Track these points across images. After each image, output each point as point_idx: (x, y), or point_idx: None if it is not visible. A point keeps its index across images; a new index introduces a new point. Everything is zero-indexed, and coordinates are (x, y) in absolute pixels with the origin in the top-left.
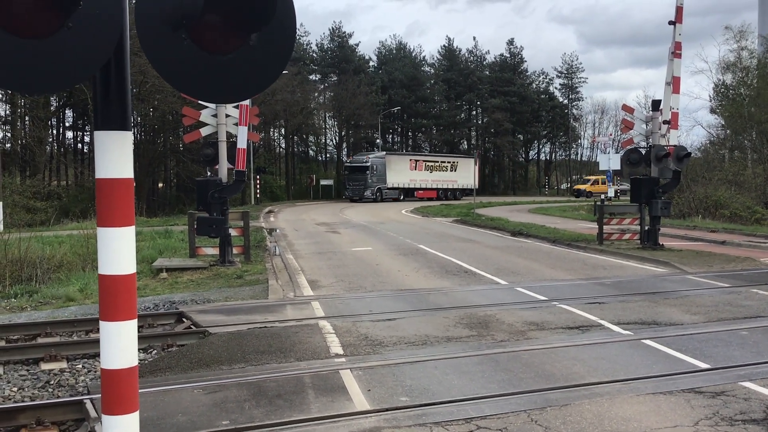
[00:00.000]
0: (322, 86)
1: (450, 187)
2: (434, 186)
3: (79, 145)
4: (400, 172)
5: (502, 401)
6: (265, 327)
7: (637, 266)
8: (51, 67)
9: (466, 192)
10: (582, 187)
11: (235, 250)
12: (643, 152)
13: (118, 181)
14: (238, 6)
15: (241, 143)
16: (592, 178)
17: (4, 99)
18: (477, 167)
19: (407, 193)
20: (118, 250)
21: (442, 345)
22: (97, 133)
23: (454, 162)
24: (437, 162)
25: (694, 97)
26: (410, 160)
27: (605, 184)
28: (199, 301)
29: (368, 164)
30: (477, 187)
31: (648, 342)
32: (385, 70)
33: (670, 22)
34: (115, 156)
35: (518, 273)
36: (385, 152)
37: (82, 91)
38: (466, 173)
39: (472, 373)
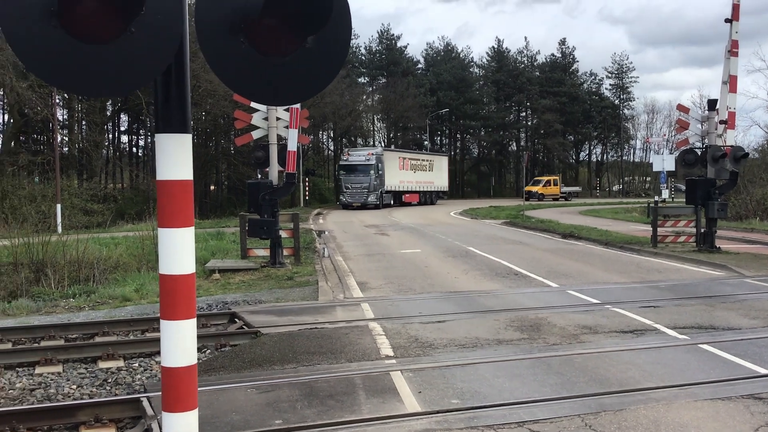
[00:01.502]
0: (371, 89)
1: (428, 189)
2: (417, 188)
3: (134, 149)
4: (392, 172)
5: (555, 405)
6: (316, 328)
7: (692, 269)
8: (114, 72)
9: (440, 195)
10: (533, 188)
11: (285, 252)
12: (699, 153)
13: (179, 183)
14: (295, 10)
15: (292, 146)
16: (544, 178)
17: (61, 104)
18: (447, 167)
19: (396, 198)
20: (178, 250)
21: (492, 347)
22: (158, 136)
23: (430, 160)
24: (419, 160)
25: (752, 97)
26: (399, 158)
27: (557, 185)
28: (250, 302)
29: (371, 162)
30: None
31: (705, 347)
32: (433, 72)
33: (727, 20)
34: (175, 158)
35: (569, 275)
36: (381, 148)
37: (136, 96)
38: (440, 173)
39: (524, 376)
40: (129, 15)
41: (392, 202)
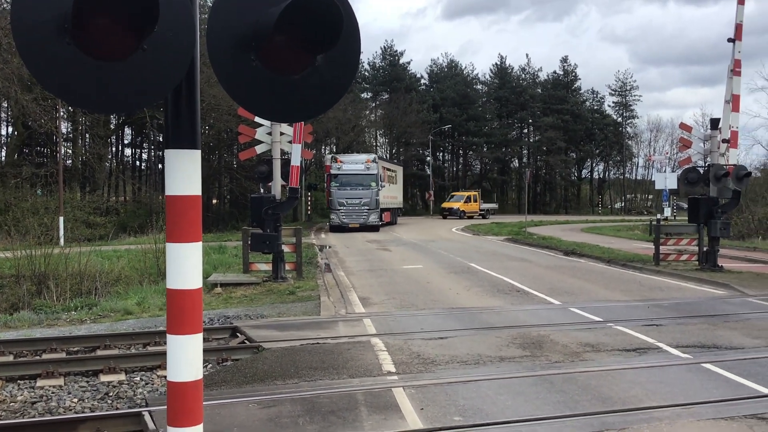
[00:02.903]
0: (374, 104)
1: (394, 206)
2: (389, 205)
3: (137, 162)
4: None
5: (558, 423)
6: (318, 343)
7: (695, 288)
8: (126, 89)
9: (399, 212)
10: (453, 204)
11: (287, 266)
12: (702, 171)
13: (187, 198)
14: (306, 29)
15: (295, 161)
16: (465, 194)
17: (65, 117)
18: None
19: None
20: (186, 265)
21: (494, 365)
22: (168, 152)
23: (395, 171)
24: (391, 171)
25: (754, 116)
26: (382, 167)
27: (477, 202)
28: (252, 317)
29: (373, 172)
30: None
31: (708, 366)
32: (436, 89)
33: (729, 40)
34: (184, 173)
35: (572, 293)
36: (375, 155)
37: (141, 110)
38: (399, 187)
39: (526, 394)
40: (142, 32)
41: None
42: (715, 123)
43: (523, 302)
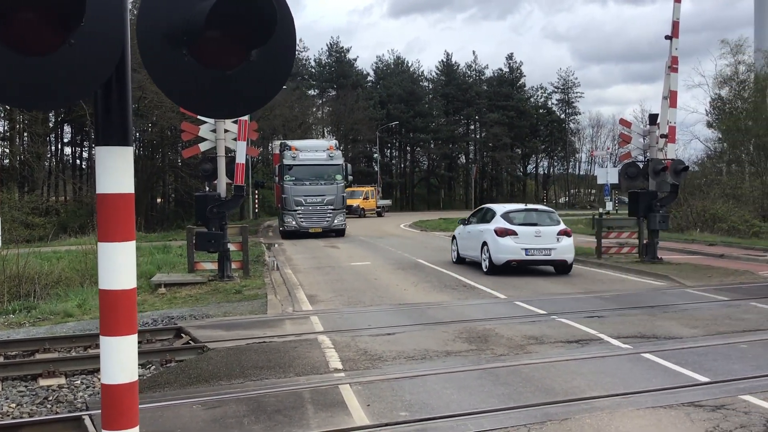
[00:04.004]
0: (321, 101)
1: None
2: None
3: (77, 161)
4: None
5: (502, 416)
6: (264, 342)
7: (635, 280)
8: (53, 84)
9: None
10: (352, 202)
11: (233, 265)
12: (641, 166)
13: (119, 196)
14: (239, 23)
15: (240, 158)
16: (363, 189)
17: (2, 115)
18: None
19: None
20: (118, 265)
21: (441, 359)
22: (98, 149)
23: None
24: None
25: (691, 111)
26: None
27: (370, 198)
28: (197, 317)
29: (336, 162)
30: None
31: (647, 356)
32: (383, 85)
33: (667, 37)
34: (115, 171)
35: (517, 287)
36: (335, 141)
37: (80, 107)
38: None
39: (472, 387)
40: (68, 26)
41: None
42: (653, 119)
43: (470, 297)
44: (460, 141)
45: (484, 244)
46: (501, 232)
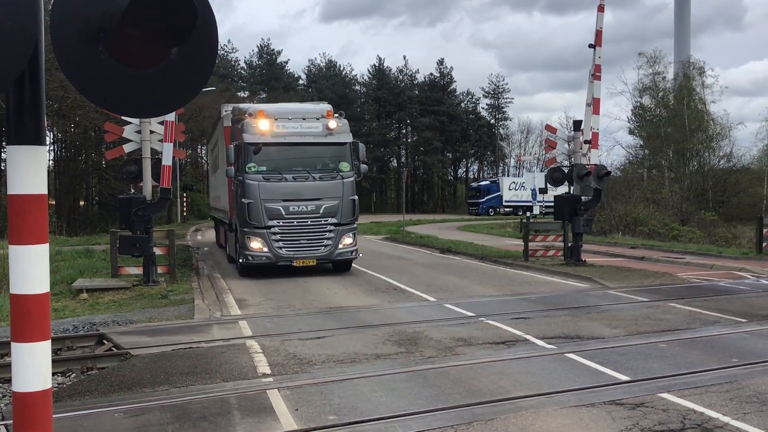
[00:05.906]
0: (252, 103)
1: None
2: None
3: None
4: None
5: (430, 417)
6: (191, 348)
7: (560, 282)
8: None
9: None
10: None
11: (160, 270)
12: (566, 171)
13: (32, 197)
14: (157, 20)
15: (167, 160)
16: None
17: None
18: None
19: None
20: (30, 268)
21: (370, 362)
22: (10, 148)
23: None
24: None
25: (614, 118)
26: None
27: None
28: (121, 323)
29: (343, 141)
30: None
31: (571, 355)
32: (315, 88)
33: (590, 45)
34: (28, 171)
35: (447, 289)
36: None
37: None
38: None
39: (401, 389)
40: None
41: None
42: (577, 125)
43: (400, 300)
44: (392, 145)
45: None
46: None
